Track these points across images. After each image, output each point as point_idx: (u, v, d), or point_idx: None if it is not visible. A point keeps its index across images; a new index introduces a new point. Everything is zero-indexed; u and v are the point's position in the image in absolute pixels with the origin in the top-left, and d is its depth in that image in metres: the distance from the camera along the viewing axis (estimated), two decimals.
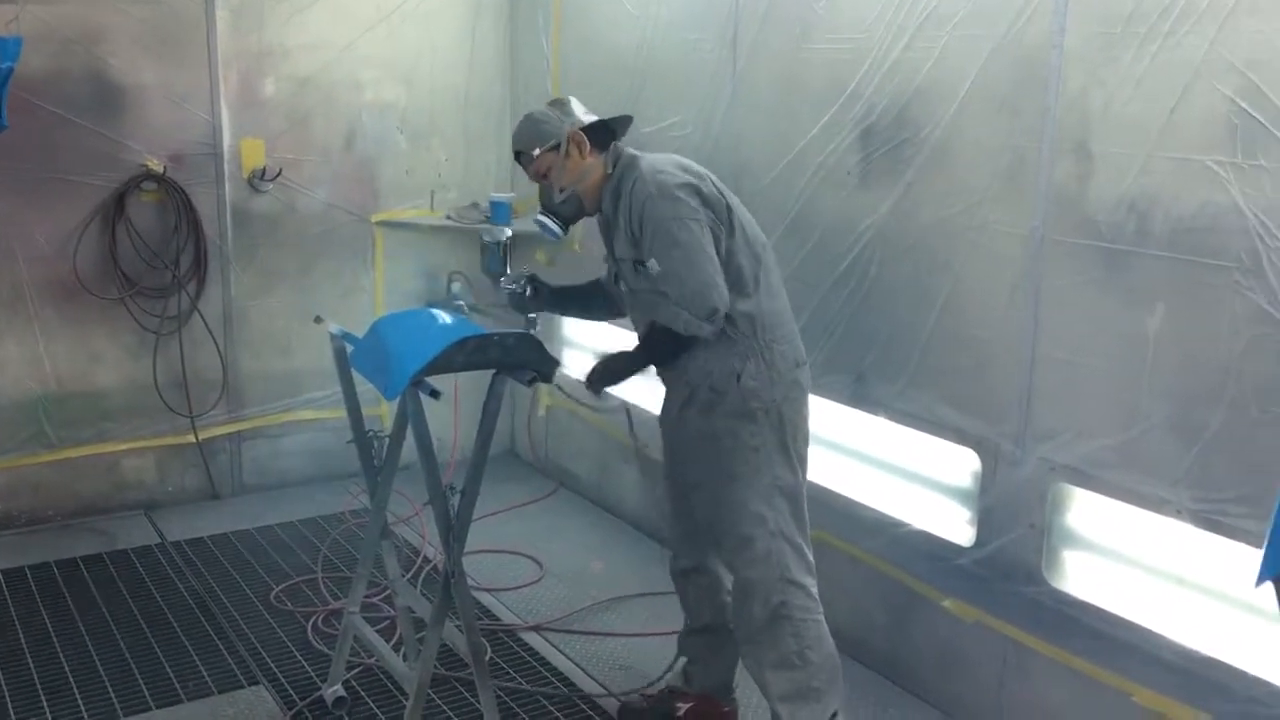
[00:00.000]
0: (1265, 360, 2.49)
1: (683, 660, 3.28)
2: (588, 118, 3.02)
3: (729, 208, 2.89)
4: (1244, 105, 2.49)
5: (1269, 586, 1.52)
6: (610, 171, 2.98)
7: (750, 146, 3.86)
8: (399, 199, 5.07)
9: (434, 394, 2.67)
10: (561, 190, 3.01)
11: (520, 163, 3.09)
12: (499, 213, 4.91)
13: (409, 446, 3.00)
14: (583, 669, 3.57)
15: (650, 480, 4.09)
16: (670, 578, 3.23)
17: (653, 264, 2.82)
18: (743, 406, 2.86)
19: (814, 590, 2.95)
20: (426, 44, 5.01)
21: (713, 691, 3.22)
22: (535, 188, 3.16)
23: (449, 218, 5.03)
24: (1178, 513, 2.69)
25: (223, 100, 4.64)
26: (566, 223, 3.08)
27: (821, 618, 2.95)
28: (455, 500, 2.81)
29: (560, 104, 3.06)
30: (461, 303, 4.91)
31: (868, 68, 3.38)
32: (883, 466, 3.57)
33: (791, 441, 2.91)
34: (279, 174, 4.74)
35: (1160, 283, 2.70)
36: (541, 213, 3.08)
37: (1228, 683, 2.61)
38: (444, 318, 2.86)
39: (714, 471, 2.92)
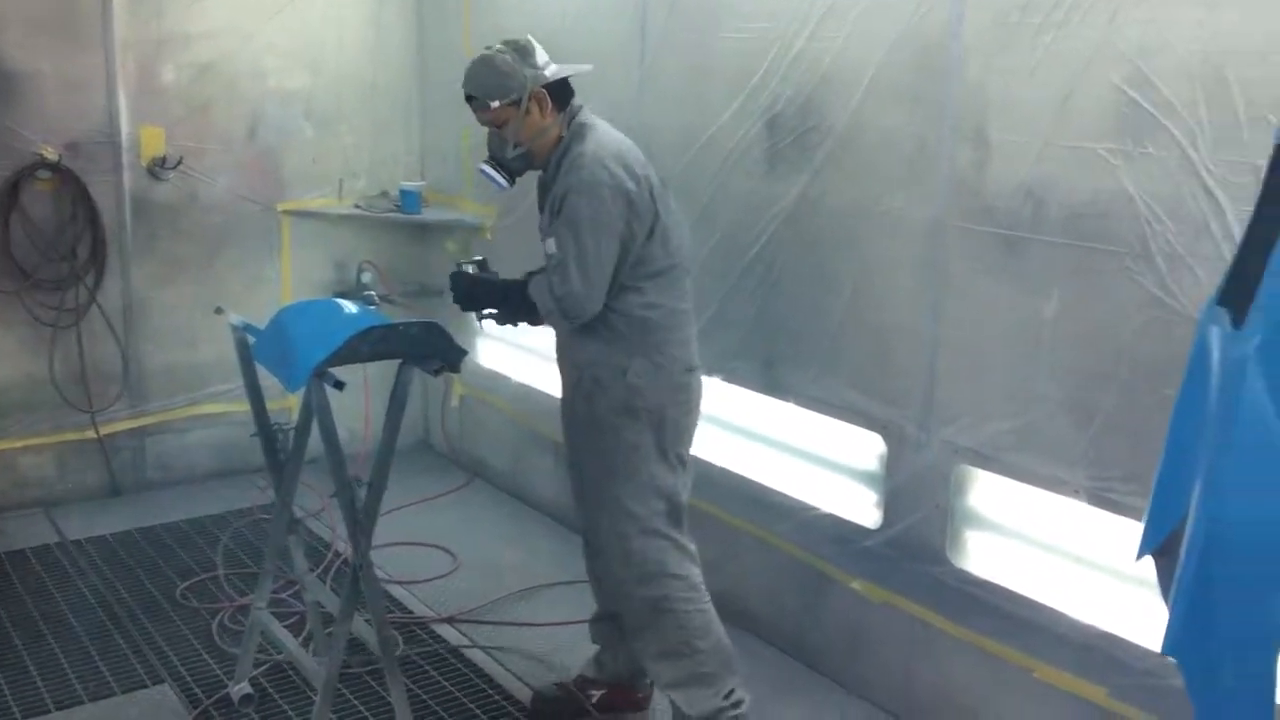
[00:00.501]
0: (1154, 343, 2.57)
1: (596, 648, 3.28)
2: (550, 70, 2.90)
3: (656, 215, 2.86)
4: (1133, 94, 2.56)
5: (1150, 560, 1.57)
6: (563, 135, 2.91)
7: (660, 135, 3.86)
8: (306, 188, 4.98)
9: (338, 385, 2.63)
10: (517, 146, 2.92)
11: (471, 106, 2.96)
12: (409, 201, 4.86)
13: (318, 439, 2.95)
14: (497, 660, 3.56)
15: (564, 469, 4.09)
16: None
17: (550, 244, 2.82)
18: (626, 402, 2.86)
19: (697, 580, 2.96)
20: (332, 31, 4.93)
21: (625, 678, 3.23)
22: (444, 179, 3.14)
23: (358, 207, 4.96)
24: (1074, 492, 2.76)
25: (120, 87, 4.51)
26: (514, 176, 3.00)
27: (707, 607, 2.95)
28: (362, 492, 2.78)
29: (522, 50, 2.90)
30: (372, 293, 4.84)
31: (774, 57, 3.41)
32: (793, 452, 3.61)
33: (672, 444, 2.92)
34: (180, 162, 4.62)
35: (1056, 268, 2.77)
36: (488, 163, 2.99)
37: (1123, 657, 2.69)
38: (348, 307, 2.82)
39: (594, 464, 2.95)
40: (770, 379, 3.59)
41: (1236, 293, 1.22)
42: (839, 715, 3.32)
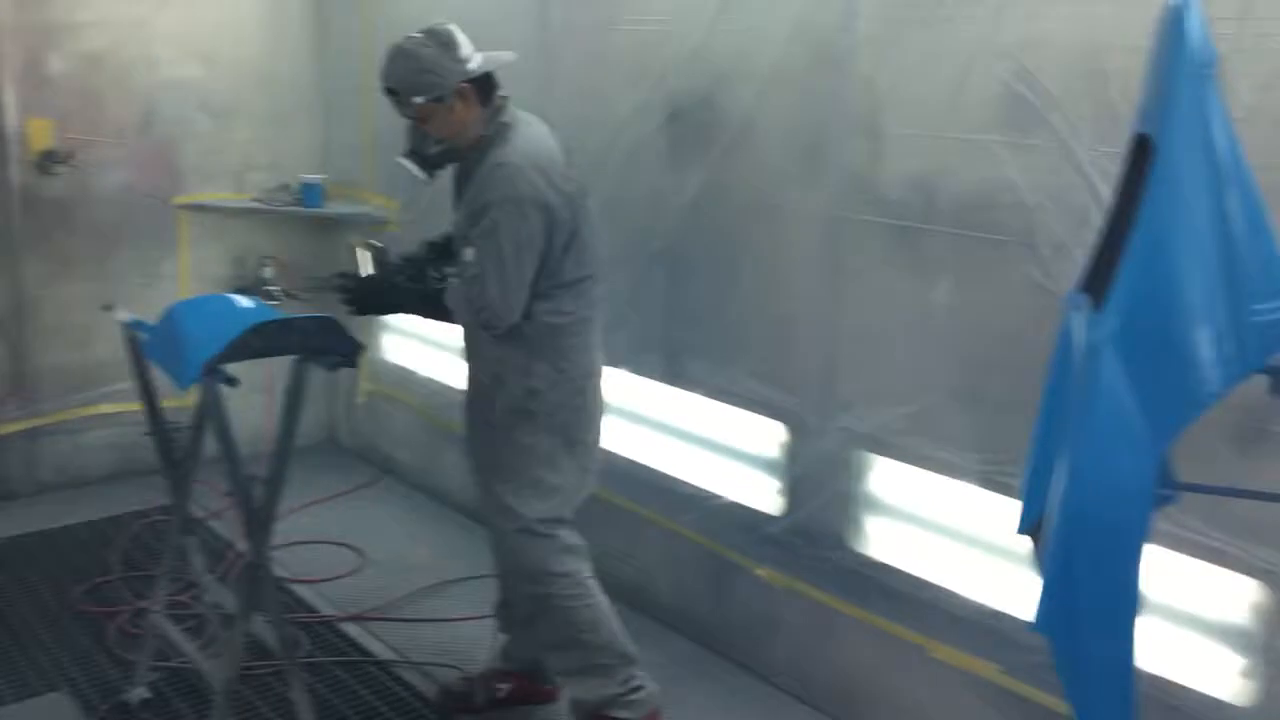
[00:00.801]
0: (1040, 330, 2.64)
1: (503, 639, 3.27)
2: (475, 63, 2.78)
3: (575, 228, 2.82)
4: (1018, 87, 2.62)
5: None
6: (485, 133, 2.82)
7: (562, 128, 3.84)
8: (203, 182, 4.87)
9: (229, 382, 2.58)
10: (439, 142, 2.84)
11: (391, 99, 2.86)
12: (310, 195, 4.78)
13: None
14: (404, 657, 3.53)
15: None
16: None
17: (469, 253, 2.78)
18: (523, 404, 2.85)
19: (583, 576, 2.95)
20: (228, 20, 4.82)
21: (534, 668, 3.23)
22: (348, 171, 3.09)
23: (257, 200, 4.87)
24: (965, 475, 2.83)
25: (5, 78, 4.36)
26: (434, 169, 2.92)
27: (595, 602, 2.95)
28: (259, 490, 2.74)
29: (444, 42, 2.78)
30: (274, 288, 4.76)
31: (674, 50, 3.43)
32: (698, 442, 3.64)
33: (568, 447, 2.91)
34: (71, 156, 4.49)
35: (947, 258, 2.84)
36: (408, 156, 2.90)
37: (1014, 634, 2.77)
38: (242, 302, 2.77)
39: (486, 461, 2.95)
40: (676, 370, 3.61)
41: (1096, 279, 1.26)
42: (747, 700, 3.36)
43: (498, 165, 2.74)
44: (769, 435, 3.38)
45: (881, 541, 3.13)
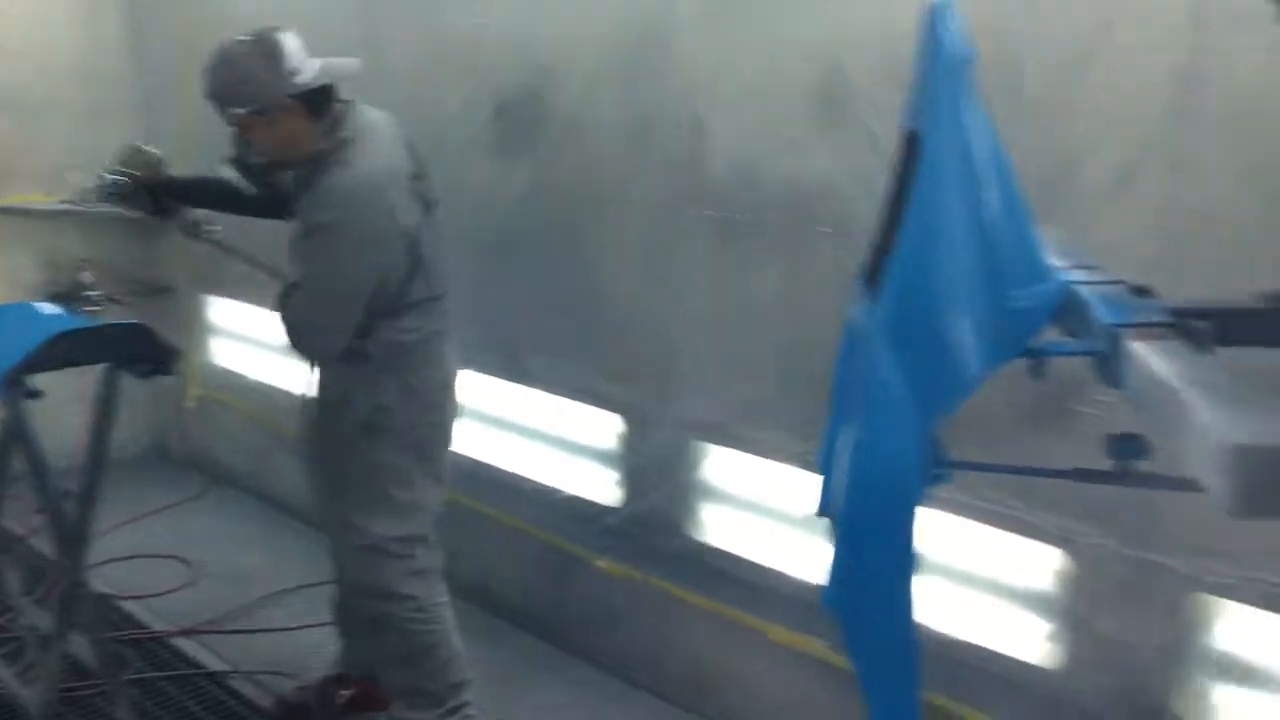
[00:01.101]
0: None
1: (343, 644, 3.21)
2: (306, 75, 2.57)
3: (419, 253, 2.69)
4: (831, 80, 2.70)
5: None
6: (320, 148, 2.61)
7: None
8: (11, 184, 4.62)
9: (32, 394, 2.46)
10: (264, 153, 2.68)
11: (213, 105, 2.67)
12: None
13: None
14: (238, 669, 3.43)
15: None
16: None
17: (291, 266, 2.65)
18: (370, 421, 2.76)
19: (429, 601, 2.88)
20: (33, 14, 4.58)
21: (374, 672, 3.17)
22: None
23: (70, 202, 4.64)
24: (792, 459, 2.91)
25: None
26: (260, 181, 2.76)
27: (437, 628, 2.89)
28: (71, 505, 2.62)
29: (269, 52, 2.55)
30: (92, 294, 4.54)
31: (499, 45, 3.41)
32: (538, 437, 3.64)
33: (420, 462, 2.83)
34: None
35: (770, 247, 2.90)
36: (230, 163, 2.72)
37: None
38: (46, 310, 2.65)
39: (331, 477, 2.88)
40: (515, 367, 3.60)
41: (873, 269, 1.31)
42: (592, 692, 3.38)
43: (329, 190, 2.57)
44: (607, 428, 3.41)
45: (718, 527, 3.19)
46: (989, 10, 2.38)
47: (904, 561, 1.21)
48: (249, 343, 4.62)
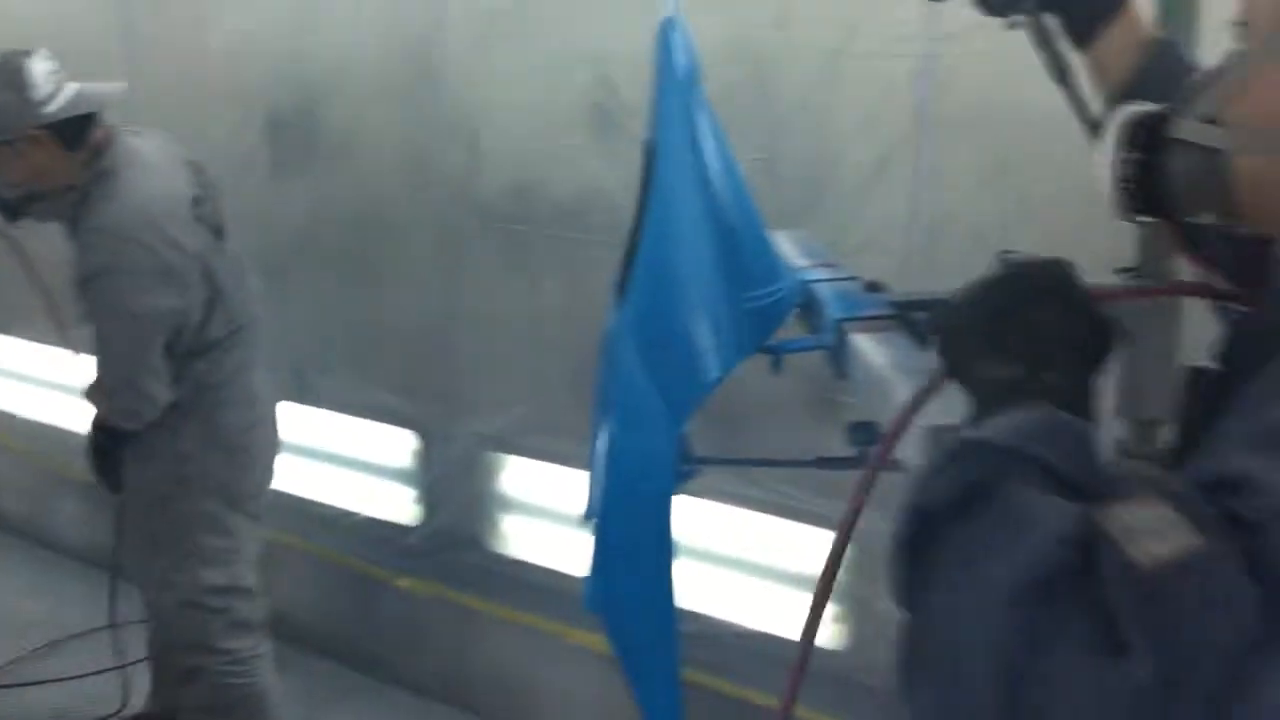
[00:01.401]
0: None
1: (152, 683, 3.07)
2: (57, 104, 2.40)
3: (214, 283, 2.52)
4: (601, 95, 2.77)
5: None
6: (81, 181, 2.43)
7: None
8: None
9: None
10: (17, 185, 2.48)
11: None
12: None
13: None
14: None
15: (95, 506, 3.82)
16: None
17: (91, 331, 2.48)
18: (175, 472, 2.63)
19: (247, 654, 2.78)
20: None
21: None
22: None
23: None
24: (582, 465, 2.95)
25: None
26: (15, 215, 2.56)
27: (253, 681, 2.79)
28: None
29: (11, 80, 2.37)
30: None
31: (269, 62, 3.34)
32: (331, 459, 3.57)
33: (229, 507, 2.71)
34: None
35: (552, 259, 2.95)
36: None
37: None
38: None
39: (140, 530, 2.75)
40: (301, 387, 3.52)
41: (623, 275, 1.37)
42: (399, 714, 3.34)
43: (97, 231, 2.39)
44: (402, 446, 3.38)
45: (516, 537, 3.21)
46: (743, 23, 2.51)
47: (661, 558, 1.26)
48: (17, 379, 4.35)
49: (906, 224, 2.44)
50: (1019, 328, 0.93)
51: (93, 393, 2.57)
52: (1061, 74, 1.29)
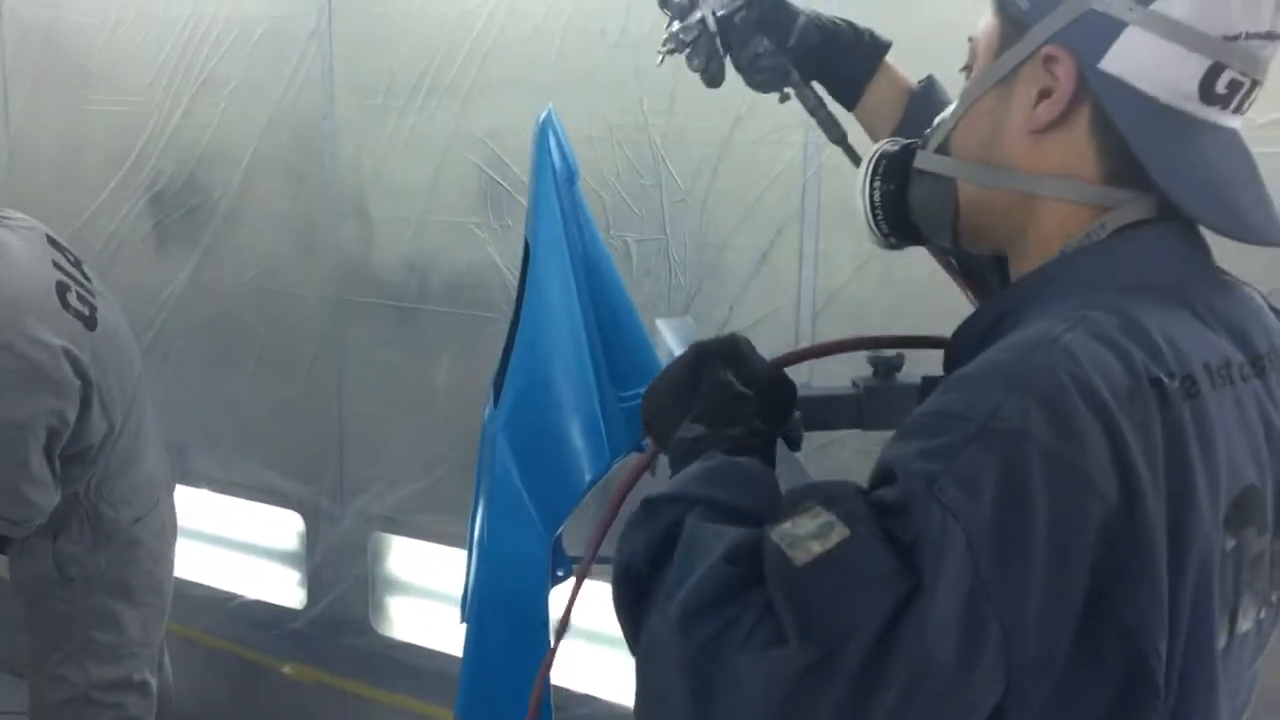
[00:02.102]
0: None
1: None
2: None
3: (88, 379, 2.33)
4: (490, 172, 2.76)
5: None
6: None
7: (36, 214, 3.51)
8: None
9: None
10: None
11: None
12: None
13: None
14: None
15: None
16: None
17: None
18: (57, 570, 2.49)
19: None
20: None
21: None
22: None
23: None
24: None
25: None
26: None
27: None
28: None
29: None
30: None
31: (152, 131, 3.27)
32: (212, 540, 3.45)
33: (128, 598, 2.58)
34: None
35: (443, 336, 2.91)
36: None
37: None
38: None
39: (25, 624, 2.59)
40: (180, 466, 3.39)
41: (498, 374, 1.35)
42: None
43: None
44: (286, 526, 3.28)
45: (404, 621, 3.13)
46: (633, 109, 2.54)
47: (536, 666, 1.23)
48: None
49: (794, 305, 2.47)
50: (700, 395, 1.04)
51: None
52: (838, 135, 1.37)
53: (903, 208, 1.07)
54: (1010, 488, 0.76)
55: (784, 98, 1.38)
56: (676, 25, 1.37)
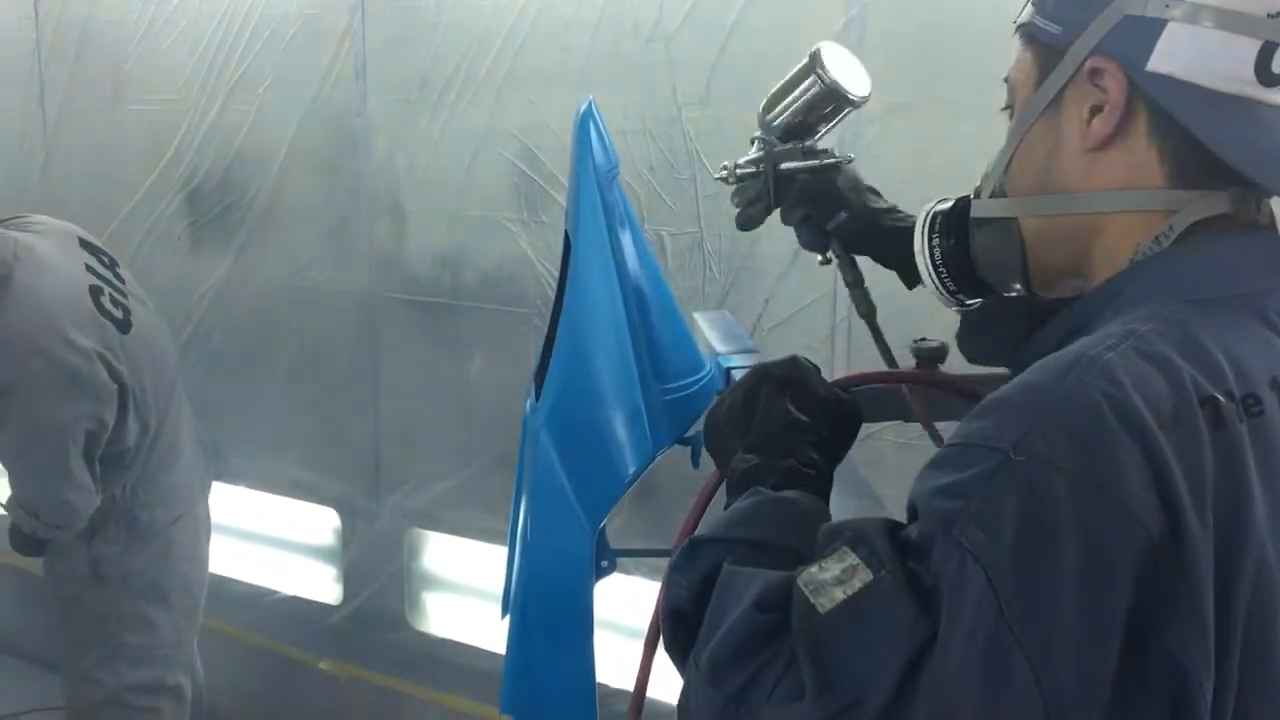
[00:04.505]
0: None
1: None
2: None
3: (122, 384, 2.38)
4: (523, 167, 2.76)
5: None
6: None
7: (73, 212, 3.55)
8: None
9: None
10: None
11: None
12: None
13: None
14: None
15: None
16: None
17: (5, 449, 2.38)
18: (91, 571, 2.53)
19: None
20: None
21: None
22: None
23: None
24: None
25: None
26: None
27: None
28: None
29: None
30: None
31: (187, 129, 3.28)
32: (249, 537, 3.47)
33: (161, 601, 2.62)
34: None
35: (477, 331, 2.91)
36: None
37: None
38: None
39: (58, 627, 2.63)
40: (216, 463, 3.41)
41: (542, 366, 1.34)
42: None
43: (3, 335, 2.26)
44: (322, 523, 3.29)
45: (441, 616, 3.13)
46: (666, 101, 2.53)
47: (581, 658, 1.22)
48: None
49: (830, 300, 2.45)
50: (755, 423, 1.03)
51: (14, 507, 2.43)
52: (865, 311, 1.39)
53: (966, 262, 1.05)
54: (1034, 521, 0.73)
55: (825, 261, 1.39)
56: (744, 158, 1.39)
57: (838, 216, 1.35)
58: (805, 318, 2.45)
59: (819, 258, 1.43)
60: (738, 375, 1.41)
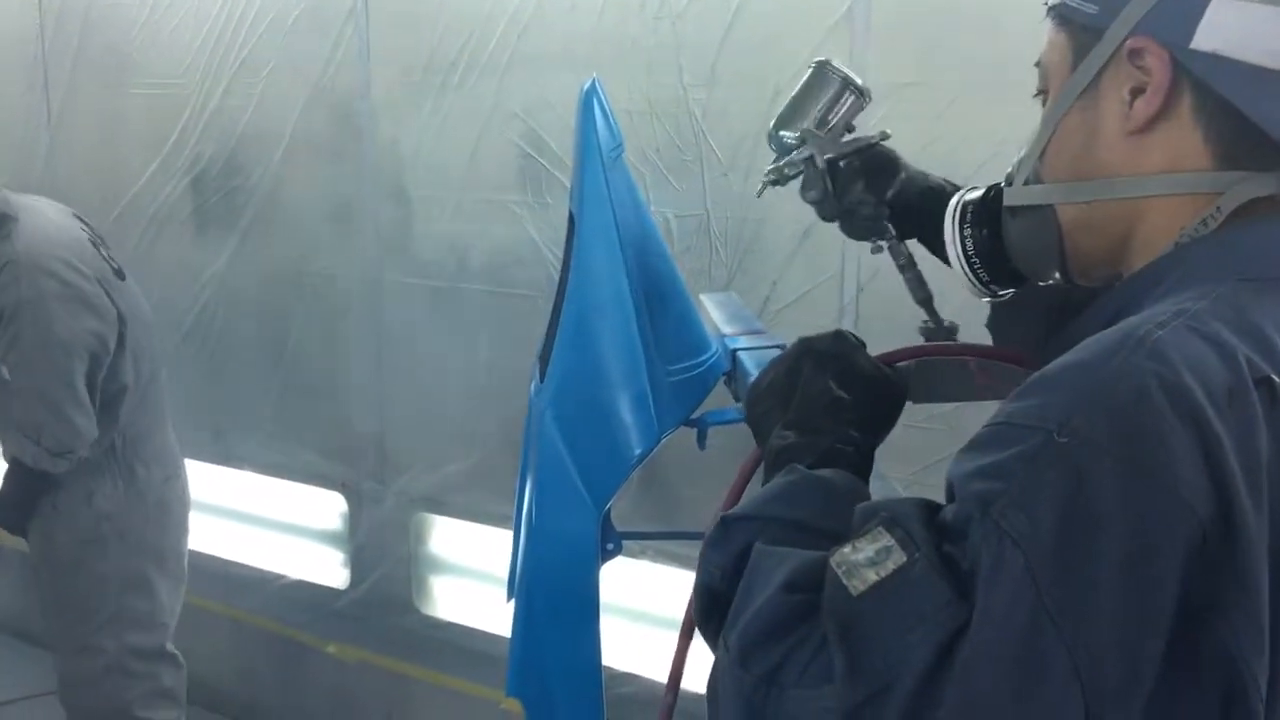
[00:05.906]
0: None
1: None
2: None
3: (121, 317, 2.52)
4: (528, 149, 2.74)
5: None
6: None
7: (77, 198, 3.54)
8: None
9: None
10: None
11: None
12: None
13: None
14: None
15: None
16: None
17: (3, 370, 2.43)
18: (92, 532, 2.57)
19: None
20: None
21: None
22: None
23: None
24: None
25: None
26: None
27: None
28: None
29: None
30: None
31: (190, 114, 3.27)
32: (255, 521, 3.47)
33: (158, 563, 2.67)
34: None
35: (483, 314, 2.90)
36: None
37: None
38: None
39: (53, 594, 2.64)
40: (222, 448, 3.43)
41: (546, 348, 1.33)
42: None
43: (6, 267, 2.39)
44: (328, 507, 3.29)
45: (448, 600, 3.13)
46: (672, 84, 2.51)
47: (587, 641, 1.22)
48: None
49: (837, 281, 2.43)
50: (795, 400, 1.01)
51: (15, 436, 2.48)
52: (922, 296, 1.34)
53: (999, 252, 1.02)
54: (1077, 505, 0.70)
55: (876, 249, 1.37)
56: (783, 160, 1.38)
57: (897, 179, 1.34)
58: (813, 299, 2.43)
59: (869, 245, 1.40)
60: (744, 357, 1.40)
